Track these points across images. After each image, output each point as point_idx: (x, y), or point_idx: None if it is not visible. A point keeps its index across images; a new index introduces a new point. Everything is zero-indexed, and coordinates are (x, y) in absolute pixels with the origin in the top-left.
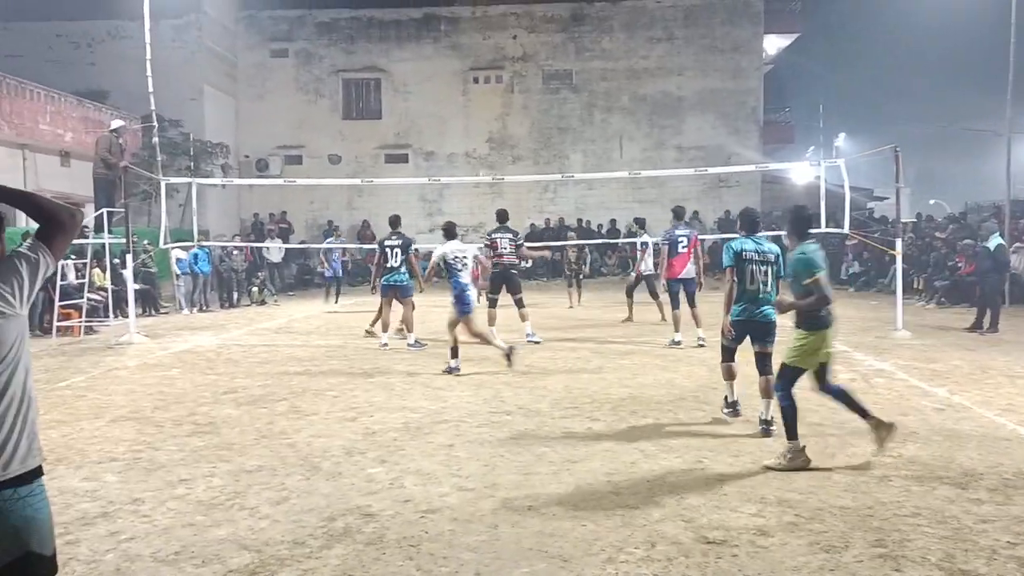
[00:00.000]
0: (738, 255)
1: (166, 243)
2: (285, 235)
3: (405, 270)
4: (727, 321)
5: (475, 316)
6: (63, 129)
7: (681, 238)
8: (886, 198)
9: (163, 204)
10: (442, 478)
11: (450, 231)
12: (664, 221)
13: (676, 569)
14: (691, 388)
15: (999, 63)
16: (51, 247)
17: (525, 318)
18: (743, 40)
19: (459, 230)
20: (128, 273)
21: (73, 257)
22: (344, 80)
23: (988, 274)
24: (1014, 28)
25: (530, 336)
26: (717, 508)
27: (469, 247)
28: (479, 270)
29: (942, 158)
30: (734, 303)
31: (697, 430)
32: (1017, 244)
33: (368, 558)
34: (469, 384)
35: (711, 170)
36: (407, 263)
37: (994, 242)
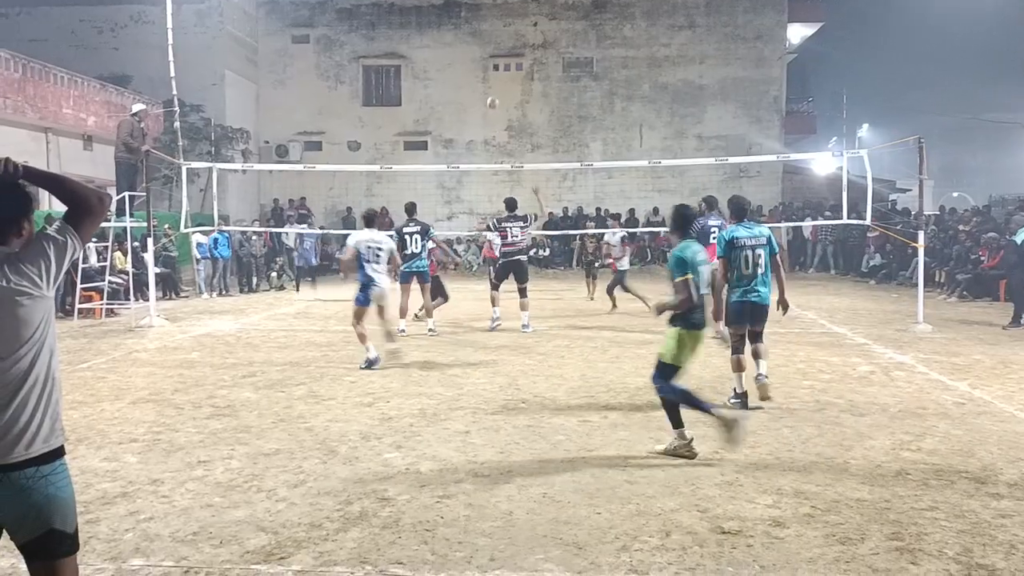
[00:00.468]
0: (730, 243)
1: (186, 227)
2: (304, 221)
3: (425, 256)
4: (717, 308)
5: (367, 311)
6: (86, 113)
7: (713, 228)
8: (909, 190)
9: (184, 188)
10: (458, 464)
11: (369, 219)
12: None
13: (691, 559)
14: (708, 379)
15: None
16: (79, 230)
17: (525, 308)
18: (766, 28)
19: (475, 218)
20: (149, 257)
21: (95, 240)
22: (364, 66)
23: (1015, 268)
24: None
25: (526, 327)
26: (733, 499)
27: (384, 239)
28: (438, 253)
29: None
30: (733, 287)
31: (713, 420)
32: None
33: (384, 542)
34: (485, 371)
35: (732, 160)
36: (428, 248)
37: (1021, 236)
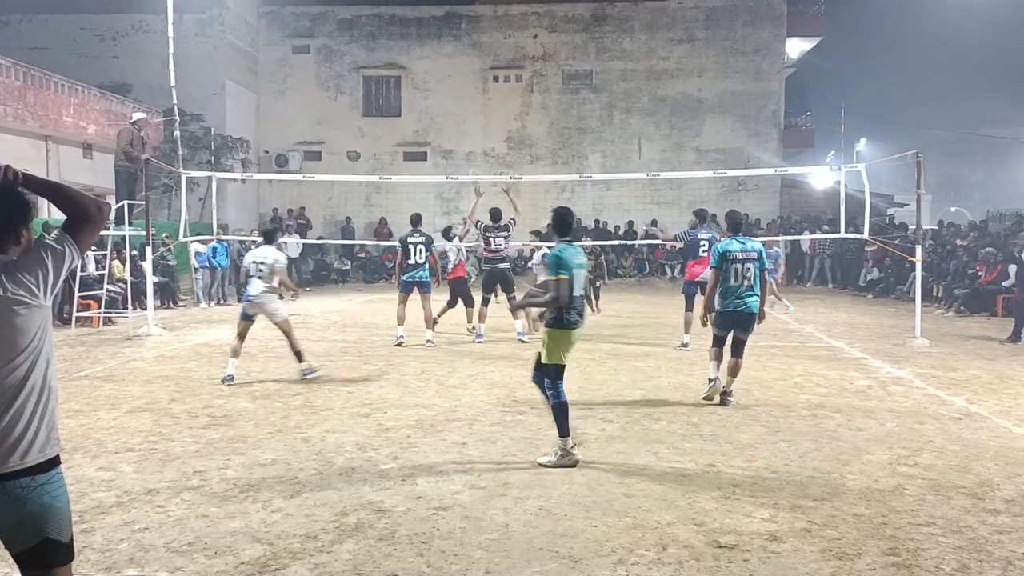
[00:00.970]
0: (723, 256)
1: (185, 236)
2: (303, 231)
3: (428, 266)
4: (704, 313)
5: (244, 325)
6: (86, 121)
7: (703, 241)
8: (906, 204)
9: (183, 197)
10: (454, 476)
11: (267, 235)
12: (681, 223)
13: (687, 573)
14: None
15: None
16: (77, 240)
17: (517, 317)
18: (765, 42)
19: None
20: (147, 265)
21: (93, 248)
22: (364, 77)
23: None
24: None
25: (520, 335)
26: (729, 512)
27: (272, 256)
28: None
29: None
30: (723, 297)
31: (711, 434)
32: None
33: (379, 553)
34: (483, 383)
35: (730, 173)
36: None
37: None
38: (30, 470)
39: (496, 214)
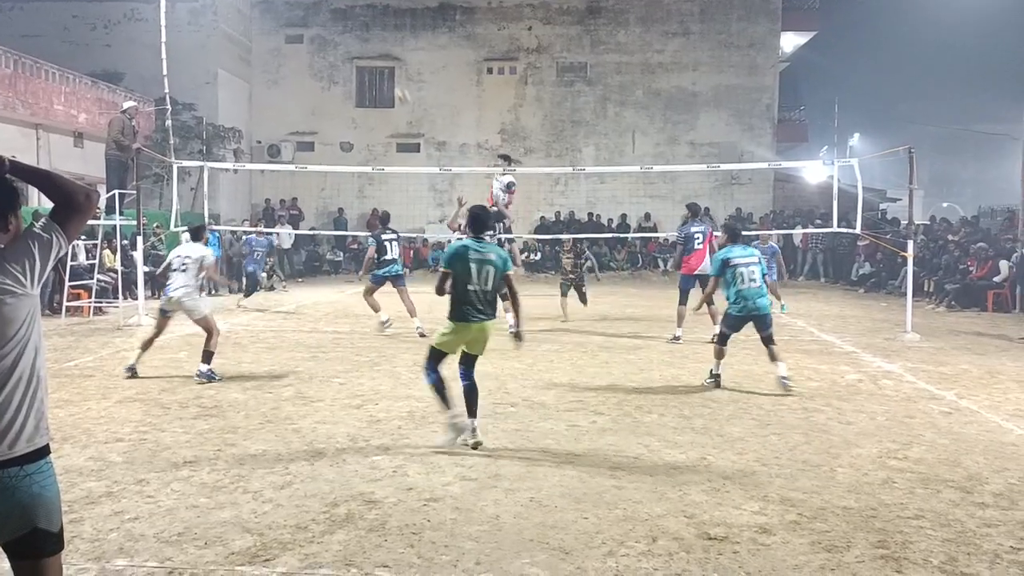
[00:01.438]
0: (724, 263)
1: (176, 226)
2: (295, 221)
3: (401, 261)
4: (700, 305)
5: (162, 321)
6: (77, 110)
7: (697, 234)
8: (899, 199)
9: (174, 187)
10: (445, 467)
11: (194, 232)
12: (675, 217)
13: (677, 564)
14: (697, 385)
15: (1016, 66)
16: (65, 228)
17: (507, 309)
18: (759, 37)
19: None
20: (138, 255)
21: (84, 238)
22: (358, 68)
23: None
24: None
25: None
26: (720, 505)
27: (196, 252)
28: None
29: (956, 160)
30: (735, 301)
31: (702, 427)
32: None
33: (370, 544)
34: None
35: (723, 167)
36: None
37: None
38: (19, 460)
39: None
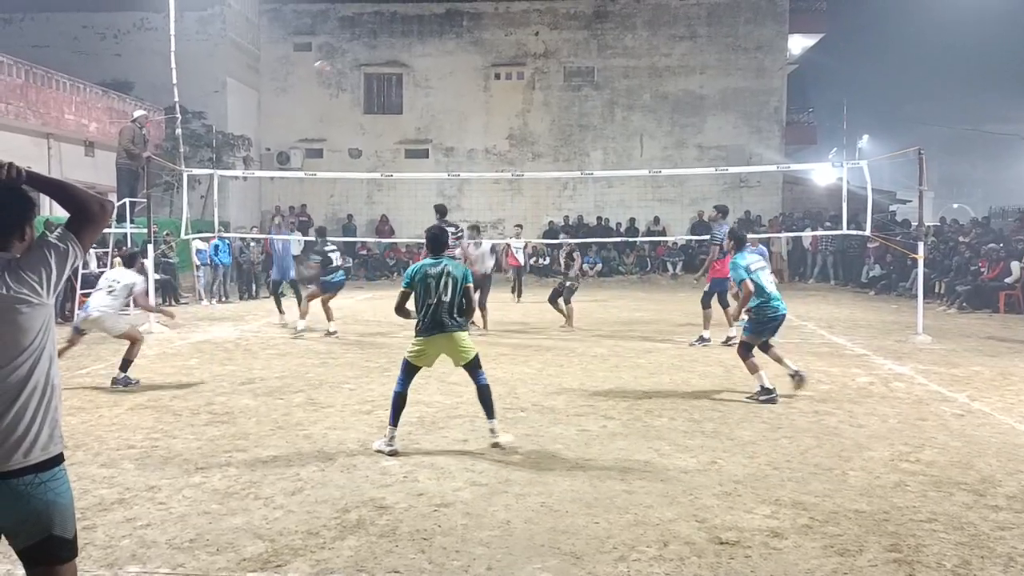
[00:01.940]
0: (748, 268)
1: (187, 234)
2: (304, 228)
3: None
4: (739, 313)
5: (74, 336)
6: (87, 119)
7: (722, 237)
8: (909, 201)
9: (185, 195)
10: (455, 473)
11: (128, 259)
12: (684, 220)
13: (688, 569)
14: (707, 388)
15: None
16: (80, 238)
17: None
18: (767, 39)
19: (481, 225)
20: (149, 263)
21: (94, 246)
22: (366, 74)
23: None
24: None
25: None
26: (731, 509)
27: (125, 278)
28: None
29: (966, 161)
30: (768, 304)
31: (712, 430)
32: None
33: (381, 550)
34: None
35: (732, 170)
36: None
37: None
38: (34, 468)
39: (442, 209)
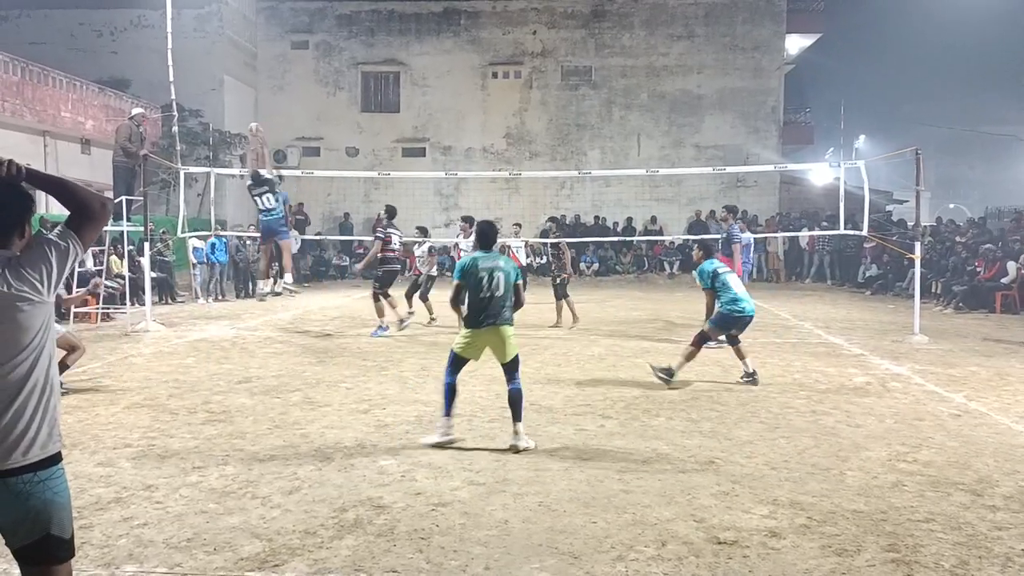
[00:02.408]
0: (714, 274)
1: (184, 232)
2: (301, 226)
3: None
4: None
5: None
6: (84, 117)
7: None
8: (905, 201)
9: (181, 193)
10: (453, 472)
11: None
12: (681, 219)
13: (686, 569)
14: (704, 388)
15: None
16: (80, 236)
17: (395, 305)
18: (764, 39)
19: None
20: (145, 261)
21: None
22: (363, 73)
23: None
24: None
25: (382, 331)
26: (729, 509)
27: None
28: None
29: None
30: (734, 303)
31: (710, 430)
32: None
33: (378, 549)
34: (482, 379)
35: (729, 169)
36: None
37: None
38: (32, 467)
39: (391, 211)
